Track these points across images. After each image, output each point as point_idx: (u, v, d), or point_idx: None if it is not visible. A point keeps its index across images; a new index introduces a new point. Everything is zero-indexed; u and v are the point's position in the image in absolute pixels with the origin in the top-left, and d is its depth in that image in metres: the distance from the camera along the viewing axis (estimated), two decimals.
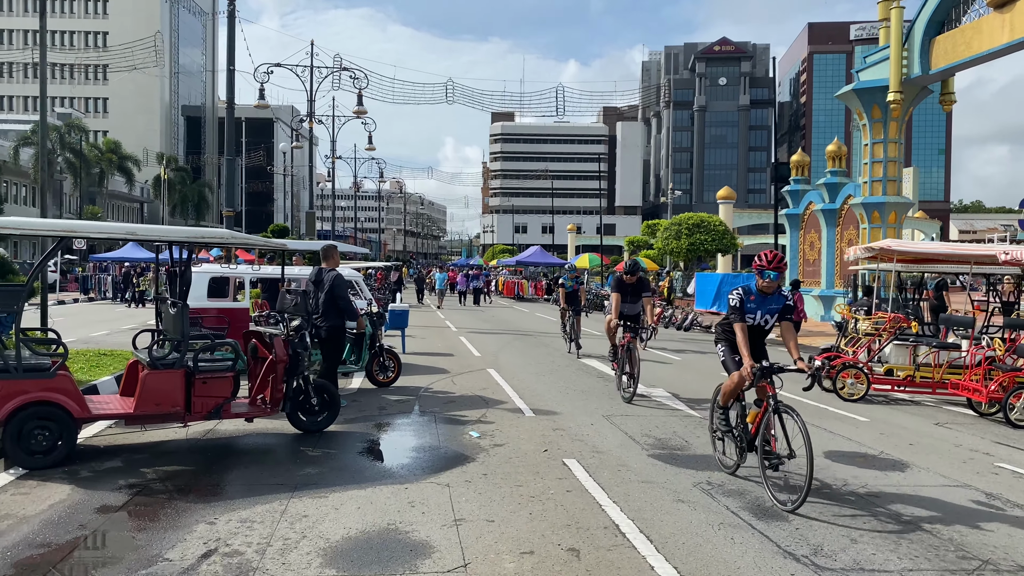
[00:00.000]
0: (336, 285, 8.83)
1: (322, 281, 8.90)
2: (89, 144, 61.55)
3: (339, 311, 8.82)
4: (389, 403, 10.02)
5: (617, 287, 11.43)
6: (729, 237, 40.99)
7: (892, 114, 24.29)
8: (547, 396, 10.77)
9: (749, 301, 6.68)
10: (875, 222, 24.78)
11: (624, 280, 11.36)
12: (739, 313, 6.66)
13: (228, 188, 25.02)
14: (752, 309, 6.70)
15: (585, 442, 7.95)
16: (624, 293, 11.30)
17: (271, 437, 8.05)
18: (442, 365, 13.85)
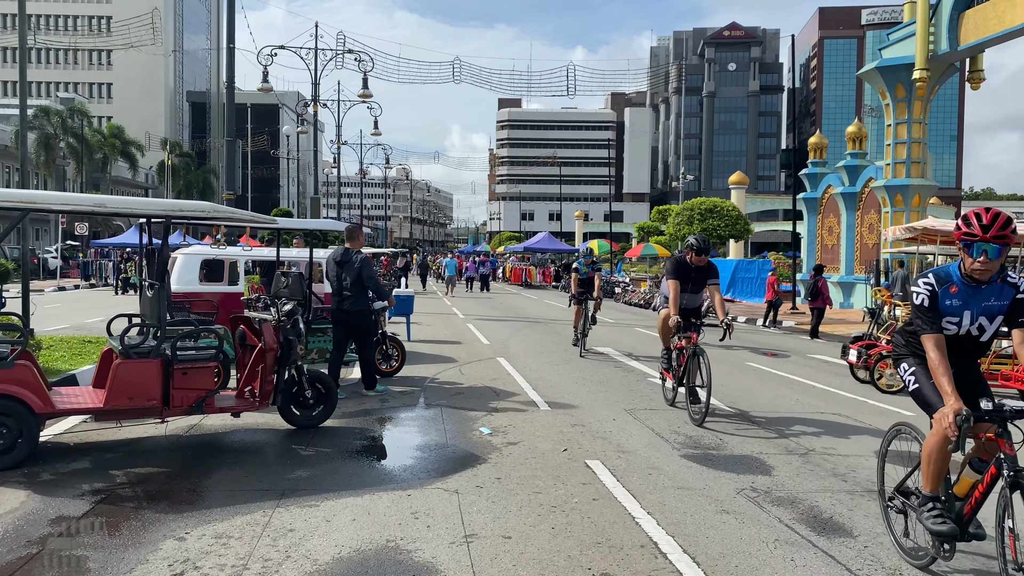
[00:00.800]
0: (366, 265, 8.64)
1: (349, 262, 8.64)
2: (92, 129, 60.83)
3: (366, 293, 8.66)
4: (392, 395, 9.24)
5: (677, 272, 8.53)
6: (743, 222, 40.02)
7: (917, 93, 23.34)
8: (563, 388, 9.98)
9: (948, 296, 4.13)
10: (898, 206, 23.87)
11: (688, 262, 8.58)
12: (929, 319, 4.12)
13: (229, 171, 24.28)
14: (955, 309, 4.15)
15: (609, 440, 7.16)
16: (685, 280, 8.55)
17: (261, 433, 7.28)
18: (449, 353, 13.07)
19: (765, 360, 13.60)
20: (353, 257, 8.67)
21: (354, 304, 8.61)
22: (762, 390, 10.29)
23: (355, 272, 8.58)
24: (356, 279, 8.58)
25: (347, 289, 8.60)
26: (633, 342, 15.73)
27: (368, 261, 8.83)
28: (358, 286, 8.59)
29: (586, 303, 13.79)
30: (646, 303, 27.71)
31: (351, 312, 8.62)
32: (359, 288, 8.60)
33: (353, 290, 8.59)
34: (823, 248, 29.23)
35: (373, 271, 8.84)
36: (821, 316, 18.51)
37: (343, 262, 8.71)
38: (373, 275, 8.79)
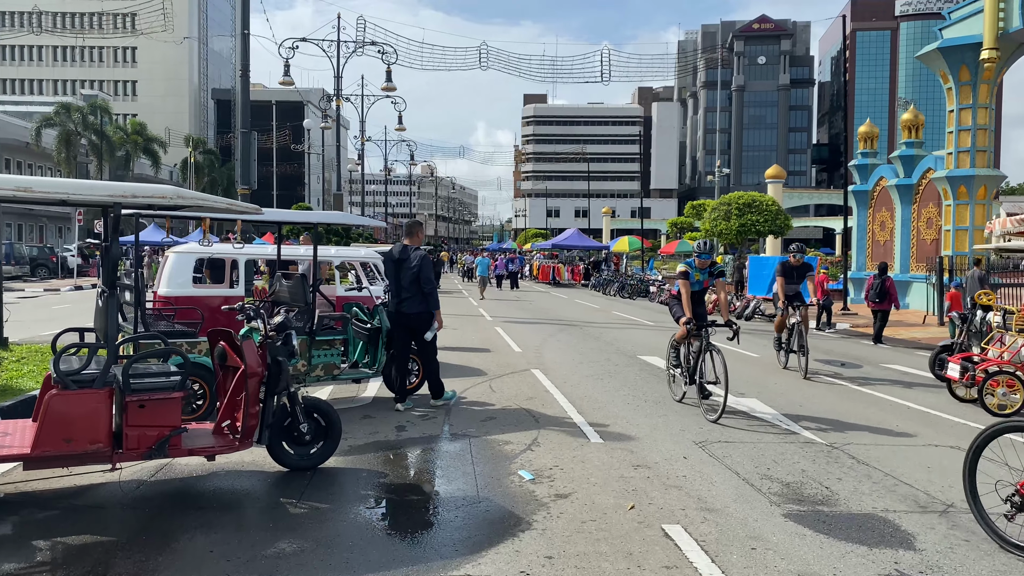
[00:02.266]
0: (425, 265, 8.11)
1: (407, 260, 8.12)
2: (114, 126, 60.17)
3: (424, 296, 8.11)
4: (411, 419, 7.74)
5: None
6: (783, 217, 38.17)
7: (983, 75, 21.42)
8: (612, 410, 8.42)
9: None
10: (962, 198, 21.97)
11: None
12: None
13: (244, 164, 23.03)
14: None
15: (685, 491, 5.59)
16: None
17: (244, 478, 5.80)
18: (477, 364, 11.55)
19: (834, 371, 11.92)
20: (411, 255, 8.13)
21: (413, 306, 8.07)
22: (848, 411, 8.65)
23: (413, 271, 8.05)
24: (415, 279, 8.05)
25: (406, 289, 8.06)
26: None
27: (428, 261, 8.25)
28: (417, 286, 8.07)
29: (705, 330, 8.50)
30: None
31: (411, 315, 8.10)
32: (418, 289, 8.07)
33: (412, 290, 8.05)
34: (874, 244, 27.33)
35: (431, 273, 8.24)
36: (886, 319, 16.75)
37: (401, 260, 8.15)
38: (431, 277, 8.17)
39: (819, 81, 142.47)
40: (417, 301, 8.07)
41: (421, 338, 8.18)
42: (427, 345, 8.23)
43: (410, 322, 8.13)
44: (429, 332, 8.19)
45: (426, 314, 8.13)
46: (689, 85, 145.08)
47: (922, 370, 12.18)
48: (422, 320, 8.12)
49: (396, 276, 8.16)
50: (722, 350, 8.32)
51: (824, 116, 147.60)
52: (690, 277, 8.69)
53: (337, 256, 10.46)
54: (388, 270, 8.35)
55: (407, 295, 8.07)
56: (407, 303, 8.08)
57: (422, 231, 8.63)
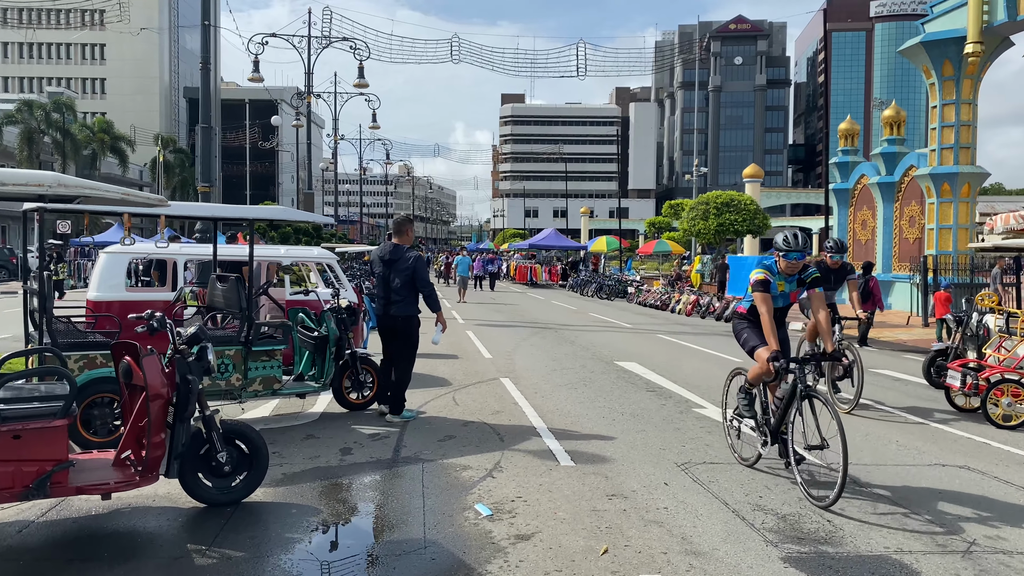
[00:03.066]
0: (420, 265, 7.74)
1: (399, 260, 7.67)
2: (79, 123, 58.62)
3: (417, 297, 7.76)
4: (360, 439, 6.90)
5: None
6: (761, 217, 37.77)
7: (967, 70, 20.94)
8: (587, 425, 7.63)
9: None
10: (945, 196, 21.46)
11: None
12: None
13: (204, 160, 22.07)
14: None
15: (667, 527, 4.81)
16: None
17: (153, 517, 4.94)
18: (442, 373, 10.72)
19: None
20: (404, 255, 7.69)
21: (403, 309, 7.64)
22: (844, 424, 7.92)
23: (406, 273, 7.62)
24: (407, 281, 7.62)
25: (396, 292, 7.61)
26: (661, 354, 13.37)
27: (423, 261, 7.88)
28: (408, 288, 7.64)
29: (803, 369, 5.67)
30: (663, 304, 25.36)
31: (400, 318, 7.65)
32: (410, 291, 7.66)
33: (403, 293, 7.63)
34: (855, 243, 26.81)
35: (427, 275, 7.86)
36: (871, 321, 16.12)
37: (391, 260, 7.68)
38: (428, 279, 7.80)
39: (795, 82, 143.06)
40: (407, 304, 7.65)
41: (406, 344, 7.73)
42: (409, 353, 7.76)
43: (398, 325, 7.68)
44: (437, 335, 7.90)
45: (415, 319, 7.72)
46: (666, 85, 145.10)
47: (915, 375, 11.52)
48: (411, 324, 7.70)
49: (386, 277, 7.67)
50: (743, 371, 6.33)
51: (800, 117, 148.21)
52: (771, 288, 5.81)
53: (287, 256, 9.60)
54: (376, 271, 7.88)
55: (397, 298, 7.62)
56: (397, 306, 7.63)
57: (412, 229, 8.06)
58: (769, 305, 5.79)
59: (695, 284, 34.50)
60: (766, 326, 5.73)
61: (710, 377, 10.83)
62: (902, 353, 14.99)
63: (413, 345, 7.80)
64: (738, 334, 6.20)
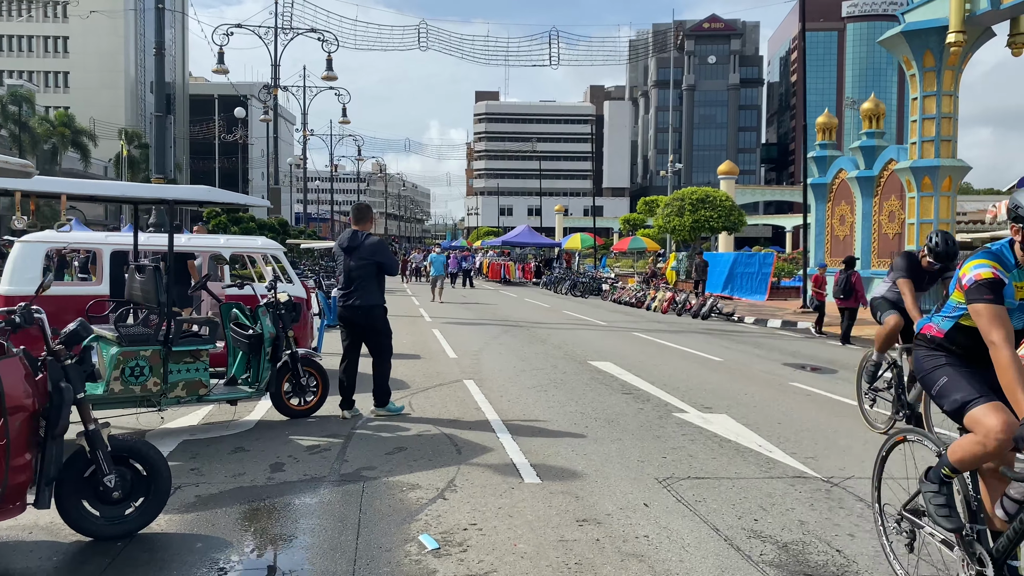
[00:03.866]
0: (380, 250, 7.20)
1: (358, 247, 7.14)
2: (38, 117, 56.85)
3: (380, 285, 7.27)
4: (296, 452, 6.03)
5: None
6: (737, 213, 37.34)
7: (948, 61, 20.43)
8: (556, 433, 6.82)
9: None
10: (926, 190, 20.93)
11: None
12: None
13: (159, 151, 21.15)
14: None
15: (648, 563, 4.00)
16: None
17: (22, 556, 4.03)
18: (400, 374, 9.86)
19: (809, 378, 10.53)
20: (364, 241, 7.16)
21: (364, 298, 7.10)
22: (837, 430, 7.19)
23: (365, 259, 7.08)
24: (368, 267, 7.09)
25: (357, 281, 7.10)
26: (637, 353, 12.60)
27: (383, 245, 7.31)
28: (369, 277, 7.11)
29: None
30: (638, 301, 24.65)
31: (361, 309, 7.11)
32: (370, 279, 7.12)
33: (363, 282, 7.10)
34: (833, 240, 26.30)
35: (392, 258, 7.39)
36: (854, 317, 15.52)
37: (351, 248, 7.17)
38: (392, 262, 7.36)
39: (768, 81, 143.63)
40: (369, 293, 7.12)
41: (376, 336, 7.23)
42: (385, 344, 7.29)
43: (361, 317, 7.14)
44: None
45: (379, 308, 7.21)
46: (640, 84, 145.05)
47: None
48: (373, 315, 7.16)
49: (346, 267, 7.19)
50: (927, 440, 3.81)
51: (773, 116, 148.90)
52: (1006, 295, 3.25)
53: (227, 247, 8.68)
54: (338, 261, 7.42)
55: (358, 286, 7.10)
56: (357, 295, 7.10)
57: (372, 215, 7.60)
58: (1007, 327, 3.14)
59: (670, 281, 33.92)
60: (1005, 365, 3.03)
61: (690, 377, 10.07)
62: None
63: (384, 333, 7.28)
64: (928, 374, 3.64)
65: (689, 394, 8.83)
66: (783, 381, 10.09)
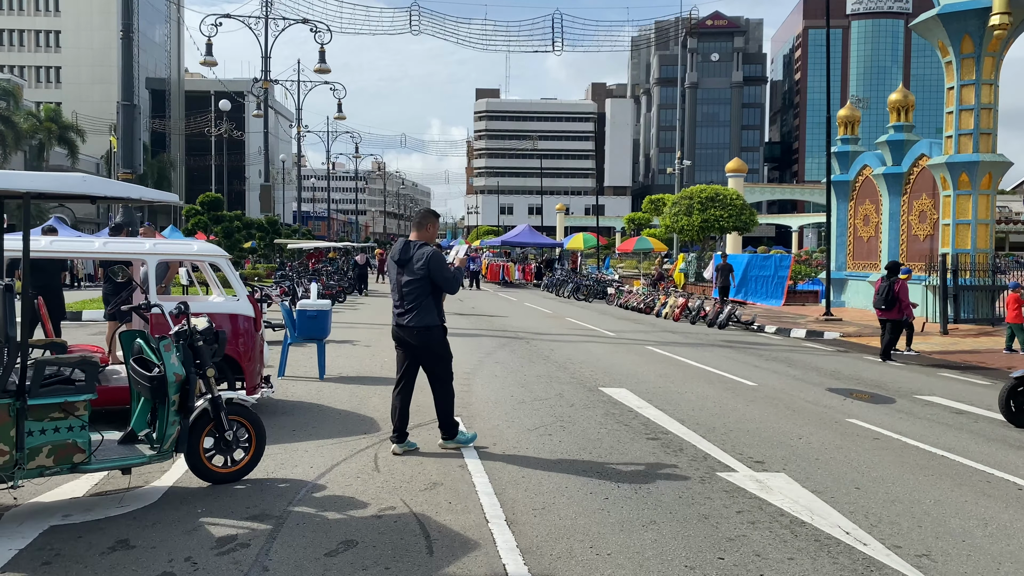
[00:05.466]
0: (436, 264, 6.25)
1: (410, 260, 6.29)
2: (24, 112, 55.07)
3: (436, 302, 6.39)
4: (200, 550, 4.25)
5: None
6: (748, 212, 35.52)
7: (989, 46, 18.70)
8: (567, 511, 5.05)
9: None
10: (963, 188, 19.17)
11: None
12: None
13: (125, 143, 19.48)
14: None
15: None
16: None
17: None
18: (371, 408, 8.10)
19: (867, 411, 8.75)
20: (414, 253, 6.28)
21: (418, 318, 6.27)
22: (940, 503, 5.42)
23: (420, 273, 6.21)
24: (422, 283, 6.23)
25: (408, 298, 6.28)
26: (655, 376, 10.81)
27: (440, 259, 6.32)
28: (423, 294, 6.26)
29: None
30: (647, 307, 22.86)
31: (414, 329, 6.28)
32: (424, 297, 6.26)
33: (416, 299, 6.26)
34: (856, 241, 24.53)
35: (449, 271, 6.39)
36: (897, 332, 13.70)
37: (403, 261, 6.33)
38: (449, 276, 6.36)
39: (771, 79, 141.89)
40: (424, 312, 6.26)
41: (429, 359, 6.41)
42: (442, 370, 6.45)
43: (415, 338, 6.28)
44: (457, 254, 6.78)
45: (436, 328, 6.33)
46: (643, 82, 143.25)
47: (976, 405, 9.11)
48: (429, 336, 6.29)
49: (398, 281, 6.36)
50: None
51: (776, 114, 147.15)
52: None
53: (153, 253, 6.88)
54: (390, 275, 6.59)
55: (411, 305, 6.26)
56: (409, 315, 6.26)
57: (435, 224, 6.61)
58: None
59: (678, 284, 32.14)
60: None
61: (724, 411, 8.30)
62: (935, 369, 12.62)
63: (440, 358, 6.46)
64: None
65: (730, 438, 7.07)
66: (837, 416, 8.32)
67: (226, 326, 7.25)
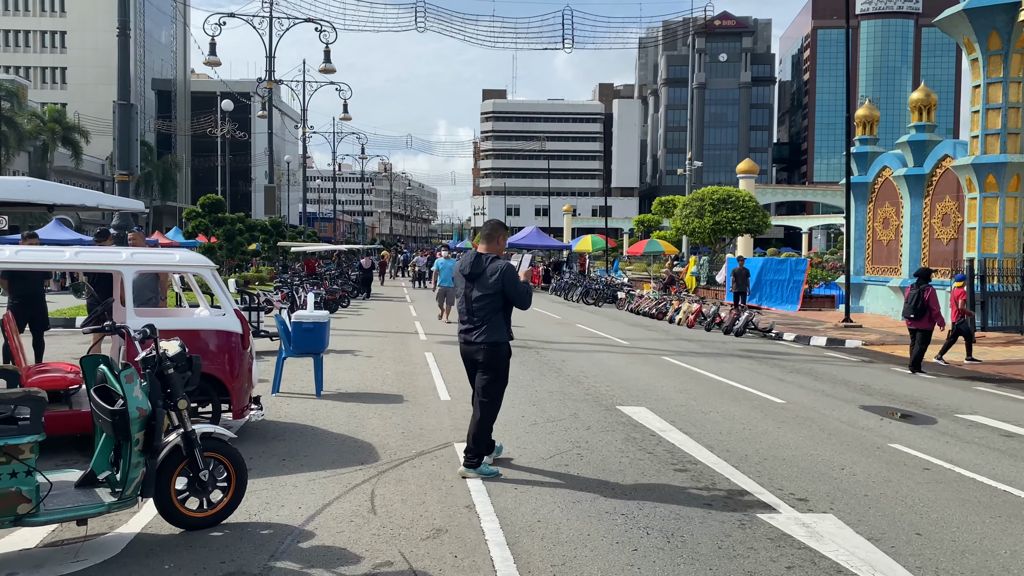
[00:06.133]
0: (510, 278, 5.96)
1: (482, 273, 5.98)
2: (27, 112, 54.67)
3: (505, 318, 6.12)
4: None
5: None
6: (761, 214, 34.86)
7: (1018, 43, 17.99)
8: (584, 552, 4.39)
9: None
10: (990, 190, 18.45)
11: None
12: None
13: (122, 144, 18.81)
14: None
15: None
16: None
17: None
18: (371, 432, 7.44)
19: (910, 435, 8.05)
20: (487, 267, 6.04)
21: (487, 335, 6.03)
22: (1016, 554, 4.74)
23: (490, 290, 5.98)
24: (493, 299, 5.99)
25: (478, 314, 6.04)
26: (675, 391, 10.14)
27: (514, 272, 6.08)
28: (494, 310, 6.03)
29: None
30: (659, 313, 22.16)
31: (483, 346, 6.04)
32: (495, 313, 6.03)
33: (487, 315, 6.02)
34: (875, 244, 23.77)
35: (523, 286, 6.10)
36: (927, 341, 12.99)
37: (474, 275, 6.08)
38: (523, 291, 6.08)
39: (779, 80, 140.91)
40: (494, 328, 6.03)
41: (490, 376, 6.08)
42: (495, 389, 6.13)
43: (481, 355, 6.03)
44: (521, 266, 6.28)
45: (502, 347, 6.09)
46: (650, 82, 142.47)
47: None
48: (497, 353, 6.05)
49: (467, 295, 6.10)
50: None
51: (784, 115, 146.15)
52: None
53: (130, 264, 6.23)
54: (458, 290, 6.28)
55: (480, 320, 6.02)
56: (480, 331, 6.02)
57: (505, 236, 6.36)
58: None
59: (690, 288, 31.44)
60: None
61: (755, 435, 7.62)
62: (969, 382, 11.92)
63: (499, 379, 6.15)
64: None
65: (766, 469, 6.39)
66: (877, 440, 7.62)
67: (211, 342, 6.62)
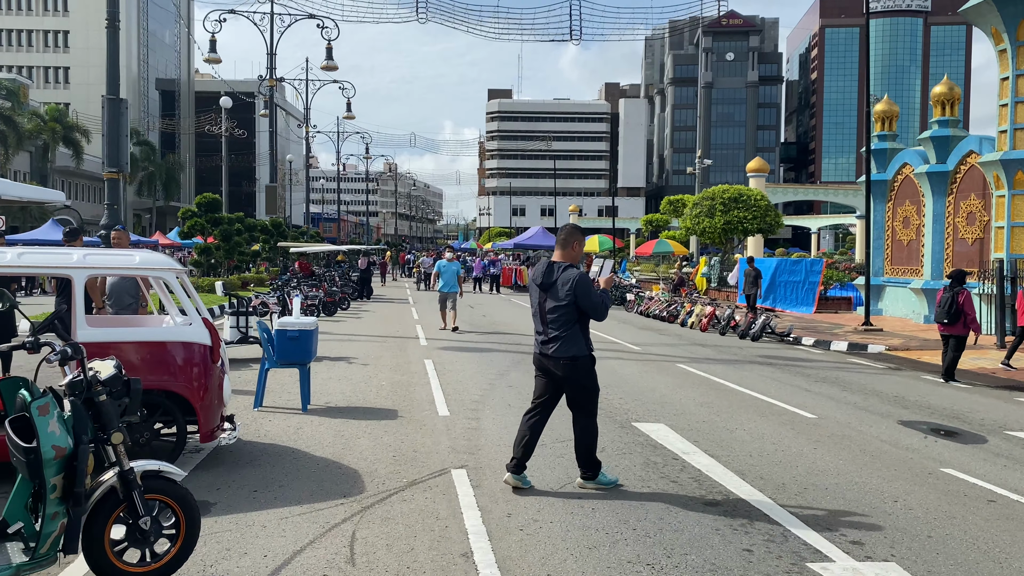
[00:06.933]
0: (583, 288, 5.54)
1: (555, 282, 5.63)
2: (28, 112, 54.07)
3: (583, 330, 5.66)
4: None
5: None
6: (773, 214, 33.96)
7: None
8: None
9: None
10: (1019, 187, 17.56)
11: None
12: None
13: (111, 141, 18.28)
14: None
15: None
16: None
17: None
18: (358, 456, 6.63)
19: (959, 455, 7.22)
20: (558, 276, 5.62)
21: (564, 348, 5.57)
22: None
23: (566, 299, 5.54)
24: (566, 311, 5.55)
25: (553, 325, 5.60)
26: (695, 405, 9.31)
27: (588, 281, 5.59)
28: (569, 322, 5.56)
29: None
30: (671, 315, 21.31)
31: (559, 360, 5.59)
32: (570, 324, 5.56)
33: (563, 326, 5.57)
34: (895, 244, 22.88)
35: (597, 297, 5.59)
36: (961, 348, 12.14)
37: (547, 285, 5.67)
38: (597, 302, 5.57)
39: (787, 79, 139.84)
40: (571, 341, 5.62)
41: (572, 389, 5.73)
42: (586, 402, 5.73)
43: (562, 370, 5.65)
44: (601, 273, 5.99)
45: (583, 359, 5.64)
46: (656, 82, 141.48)
47: None
48: (576, 368, 5.63)
49: (541, 306, 5.76)
50: None
51: (792, 114, 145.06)
52: None
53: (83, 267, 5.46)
54: (532, 299, 5.97)
55: (555, 333, 5.65)
56: (556, 344, 5.63)
57: (582, 242, 5.88)
58: None
59: (700, 289, 30.61)
60: None
61: (789, 458, 6.80)
62: (1009, 392, 11.07)
63: (587, 390, 5.74)
64: None
65: (808, 501, 5.56)
66: (927, 463, 6.79)
67: (176, 355, 5.83)
